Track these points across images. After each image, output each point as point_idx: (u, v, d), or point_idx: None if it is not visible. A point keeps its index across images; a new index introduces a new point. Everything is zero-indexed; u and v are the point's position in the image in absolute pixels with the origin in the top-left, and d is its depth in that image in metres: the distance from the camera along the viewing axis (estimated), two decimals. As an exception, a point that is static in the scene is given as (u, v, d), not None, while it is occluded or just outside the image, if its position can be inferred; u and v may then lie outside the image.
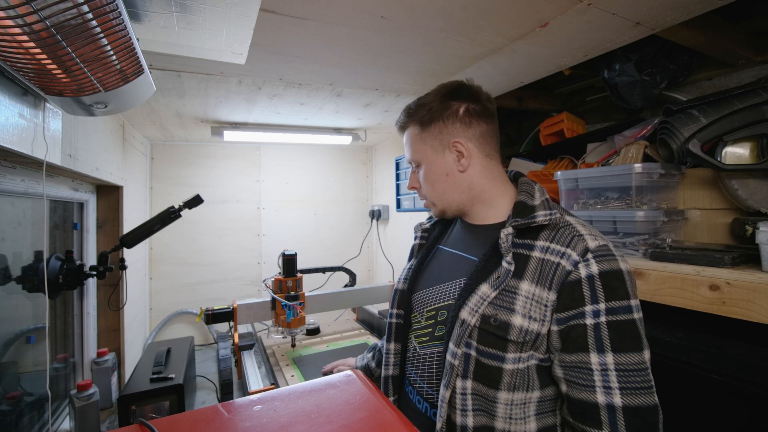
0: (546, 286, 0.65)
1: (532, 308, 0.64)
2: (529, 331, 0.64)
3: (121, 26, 0.62)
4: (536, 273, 0.66)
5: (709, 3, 0.86)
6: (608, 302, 0.61)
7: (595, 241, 0.65)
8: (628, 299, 0.62)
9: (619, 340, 0.60)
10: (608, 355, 0.60)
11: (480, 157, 0.77)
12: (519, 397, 0.65)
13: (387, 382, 0.85)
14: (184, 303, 2.38)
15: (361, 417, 0.62)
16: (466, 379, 0.67)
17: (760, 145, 0.95)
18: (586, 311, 0.62)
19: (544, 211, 0.70)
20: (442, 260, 0.84)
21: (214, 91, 1.43)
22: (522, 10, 0.88)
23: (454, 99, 0.76)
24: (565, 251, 0.65)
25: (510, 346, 0.65)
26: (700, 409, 0.88)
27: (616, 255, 0.65)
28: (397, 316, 0.86)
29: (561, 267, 0.64)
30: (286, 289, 1.64)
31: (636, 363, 0.60)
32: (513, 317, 0.65)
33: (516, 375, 0.65)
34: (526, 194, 0.74)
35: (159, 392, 1.20)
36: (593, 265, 0.63)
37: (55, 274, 1.21)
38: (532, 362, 0.66)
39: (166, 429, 0.60)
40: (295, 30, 0.96)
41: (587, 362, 0.61)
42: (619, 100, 1.33)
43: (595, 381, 0.60)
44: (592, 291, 0.62)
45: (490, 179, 0.78)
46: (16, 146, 0.76)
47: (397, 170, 2.31)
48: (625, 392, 0.59)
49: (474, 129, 0.76)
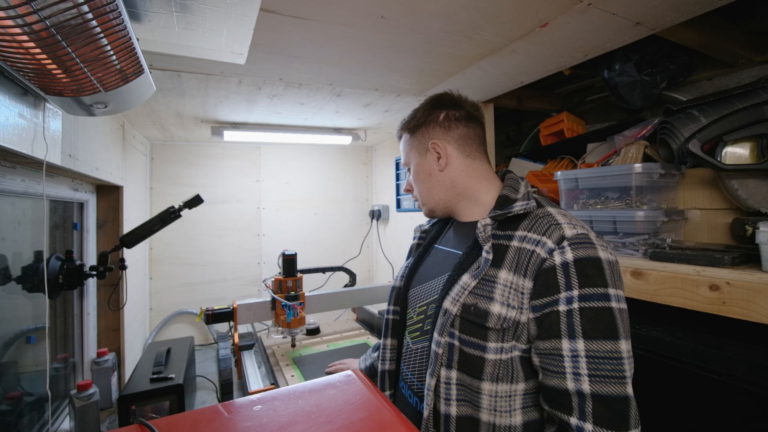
0: (522, 274, 0.66)
1: (510, 296, 0.66)
2: (507, 318, 0.65)
3: (121, 26, 0.62)
4: (514, 261, 0.68)
5: (709, 3, 0.86)
6: (582, 289, 0.62)
7: (573, 230, 0.66)
8: (605, 287, 0.62)
9: (591, 327, 0.60)
10: (579, 342, 0.60)
11: (459, 157, 0.82)
12: (503, 388, 0.66)
13: (384, 377, 0.89)
14: (184, 303, 2.38)
15: (361, 417, 0.62)
16: (451, 369, 0.70)
17: (760, 145, 0.95)
18: (560, 298, 0.63)
19: (521, 202, 0.73)
20: (436, 258, 0.88)
21: (214, 91, 1.43)
22: (522, 10, 0.88)
23: (436, 107, 0.84)
24: (541, 239, 0.67)
25: (490, 335, 0.67)
26: (700, 408, 0.88)
27: (595, 243, 0.65)
28: (393, 312, 0.90)
29: (536, 254, 0.66)
30: (286, 289, 1.64)
31: (608, 351, 0.60)
32: (492, 305, 0.67)
33: (499, 365, 0.66)
34: (510, 189, 0.78)
35: (159, 392, 1.20)
36: (568, 252, 0.64)
37: (55, 274, 1.21)
38: (516, 353, 0.67)
39: (166, 429, 0.60)
40: (295, 30, 0.96)
41: (559, 348, 0.62)
42: (619, 100, 1.33)
43: (565, 367, 0.61)
44: (567, 278, 0.63)
45: (472, 177, 0.82)
46: (16, 146, 0.76)
47: (397, 170, 2.31)
48: (594, 380, 0.59)
49: (453, 132, 0.83)
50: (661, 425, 0.93)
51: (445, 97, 0.86)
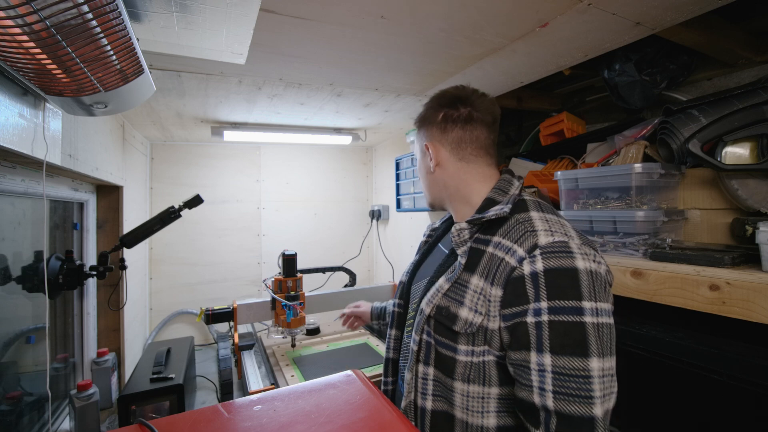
0: (490, 281, 0.66)
1: (479, 302, 0.66)
2: (472, 324, 0.66)
3: (121, 26, 0.62)
4: (486, 268, 0.67)
5: (709, 3, 0.86)
6: (551, 301, 0.60)
7: (549, 237, 0.64)
8: (578, 300, 0.59)
9: (559, 342, 0.58)
10: (545, 356, 0.59)
11: (452, 161, 0.81)
12: (475, 390, 0.67)
13: (387, 364, 0.92)
14: (184, 303, 2.38)
15: (361, 417, 0.62)
16: (428, 366, 0.72)
17: (760, 145, 0.95)
18: (528, 309, 0.61)
19: (498, 207, 0.71)
20: (434, 257, 0.89)
21: (214, 91, 1.43)
22: (522, 10, 0.88)
23: (439, 105, 0.83)
24: (512, 247, 0.65)
25: (460, 338, 0.67)
26: (700, 408, 0.88)
27: (574, 252, 0.62)
28: (398, 305, 0.93)
29: (504, 263, 0.65)
30: (286, 289, 1.64)
31: (575, 369, 0.57)
32: (460, 310, 0.67)
33: (470, 367, 0.67)
34: (497, 191, 0.77)
35: (159, 392, 1.20)
36: (538, 262, 0.62)
37: (55, 274, 1.21)
38: (490, 358, 0.66)
39: (166, 429, 0.60)
40: (295, 30, 0.96)
41: (528, 361, 0.61)
42: (619, 100, 1.33)
43: (532, 381, 0.60)
44: (536, 288, 0.61)
45: (464, 180, 0.81)
46: (16, 146, 0.76)
47: (397, 170, 2.31)
48: (558, 397, 0.57)
49: (448, 135, 0.81)
50: (661, 425, 0.93)
51: (447, 96, 0.83)
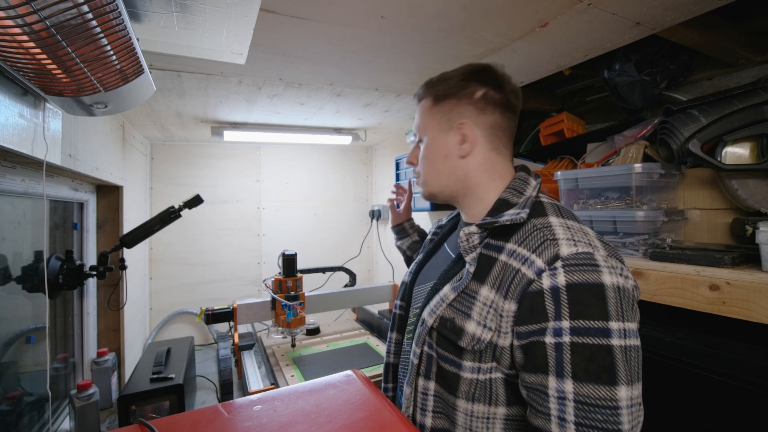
0: (503, 294, 0.58)
1: (488, 316, 0.59)
2: (480, 340, 0.59)
3: (121, 26, 0.62)
4: (498, 279, 0.60)
5: (709, 3, 0.86)
6: (574, 320, 0.53)
7: (573, 248, 0.56)
8: (605, 320, 0.52)
9: (583, 367, 0.51)
10: (567, 382, 0.52)
11: (485, 149, 0.71)
12: (480, 409, 0.61)
13: (387, 369, 0.87)
14: (184, 303, 2.38)
15: (361, 417, 0.62)
16: (429, 380, 0.66)
17: (760, 145, 0.94)
18: (547, 328, 0.54)
19: (514, 210, 0.64)
20: (439, 258, 0.83)
21: (214, 91, 1.43)
22: (522, 10, 0.88)
23: (475, 80, 0.71)
24: (529, 257, 0.58)
25: (465, 354, 0.61)
26: (700, 408, 0.88)
27: (600, 266, 0.55)
28: (399, 307, 0.88)
29: (521, 274, 0.57)
30: (286, 289, 1.64)
31: (601, 398, 0.50)
32: (468, 323, 0.60)
33: (475, 385, 0.61)
34: (512, 191, 0.68)
35: (159, 392, 1.20)
36: (560, 276, 0.54)
37: (55, 274, 1.21)
38: (497, 375, 0.60)
39: (166, 429, 0.60)
40: (295, 30, 0.96)
41: (545, 386, 0.54)
42: (619, 100, 1.33)
43: (550, 408, 0.53)
44: (557, 305, 0.54)
45: (489, 174, 0.72)
46: (16, 146, 0.76)
47: (397, 170, 2.31)
48: (581, 429, 0.50)
49: (486, 117, 0.70)
50: (661, 425, 0.93)
51: (488, 71, 0.71)
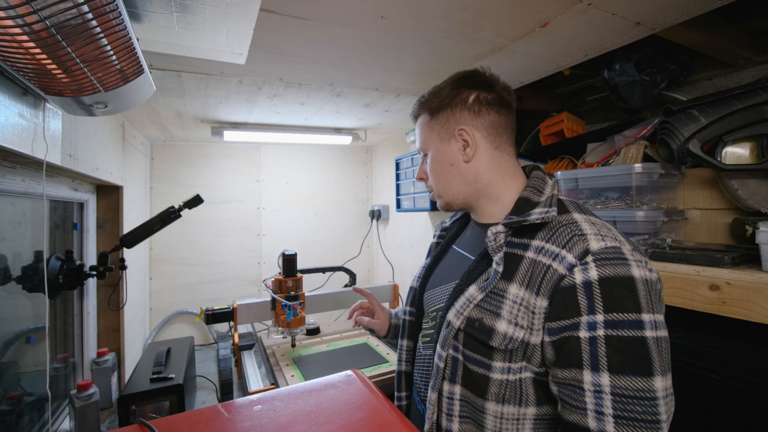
0: (534, 291, 0.59)
1: (519, 314, 0.59)
2: (513, 339, 0.59)
3: (121, 26, 0.62)
4: (527, 276, 0.60)
5: (709, 3, 0.86)
6: (608, 314, 0.53)
7: (601, 242, 0.57)
8: (638, 312, 0.53)
9: (619, 359, 0.52)
10: (603, 375, 0.52)
11: (488, 149, 0.73)
12: (510, 411, 0.60)
13: (400, 378, 0.86)
14: (184, 303, 2.38)
15: (361, 417, 0.62)
16: (455, 384, 0.65)
17: (760, 145, 0.95)
18: (581, 322, 0.55)
19: (541, 209, 0.64)
20: (451, 261, 0.82)
21: (214, 91, 1.43)
22: (522, 10, 0.88)
23: (465, 86, 0.73)
24: (559, 253, 0.58)
25: (495, 354, 0.61)
26: (700, 408, 0.88)
27: (629, 259, 0.56)
28: (410, 314, 0.87)
29: (552, 270, 0.58)
30: (286, 289, 1.64)
31: (639, 390, 0.51)
32: (498, 322, 0.60)
33: (505, 386, 0.60)
34: (533, 190, 0.69)
35: (159, 392, 1.20)
36: (592, 270, 0.55)
37: (55, 274, 1.21)
38: (527, 375, 0.60)
39: (166, 429, 0.60)
40: (295, 30, 0.96)
41: (580, 380, 0.54)
42: (619, 100, 1.33)
43: (586, 403, 0.53)
44: (590, 300, 0.54)
45: (498, 172, 0.73)
46: (16, 146, 0.76)
47: (397, 170, 2.31)
48: (620, 422, 0.51)
49: (483, 118, 0.72)
50: (661, 425, 0.93)
51: (475, 76, 0.74)
